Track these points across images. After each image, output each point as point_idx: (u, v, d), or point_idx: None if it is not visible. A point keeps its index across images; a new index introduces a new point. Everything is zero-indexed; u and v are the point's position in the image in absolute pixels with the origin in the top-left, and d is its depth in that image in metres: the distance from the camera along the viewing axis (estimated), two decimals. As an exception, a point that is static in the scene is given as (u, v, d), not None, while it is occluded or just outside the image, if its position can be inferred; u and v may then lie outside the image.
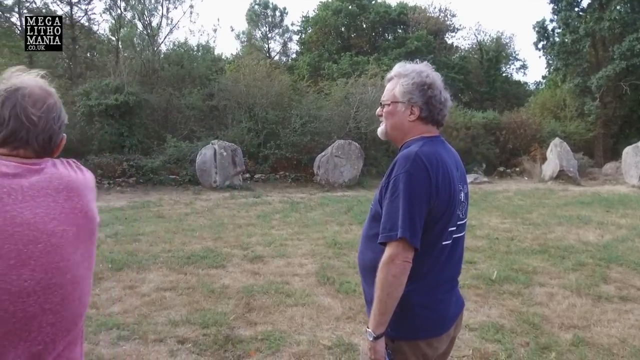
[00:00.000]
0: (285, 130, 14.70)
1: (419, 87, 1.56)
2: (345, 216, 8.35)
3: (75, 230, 1.10)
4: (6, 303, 0.97)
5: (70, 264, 1.08)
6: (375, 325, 1.45)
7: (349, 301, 4.03)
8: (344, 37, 27.02)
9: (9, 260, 0.97)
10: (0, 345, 0.97)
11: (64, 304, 1.07)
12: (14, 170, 1.05)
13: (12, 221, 0.99)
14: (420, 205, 1.42)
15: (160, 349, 3.16)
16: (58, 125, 1.17)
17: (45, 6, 17.62)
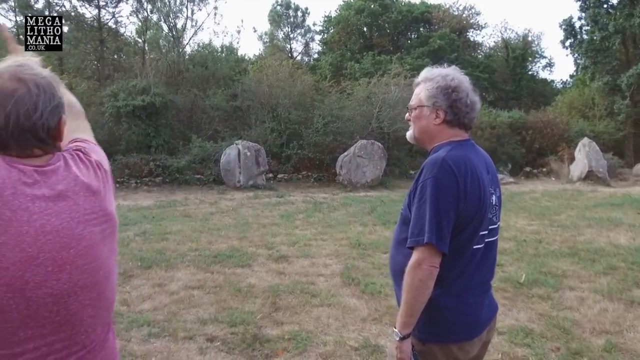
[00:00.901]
0: (307, 131, 14.74)
1: (443, 91, 1.56)
2: (369, 217, 8.33)
3: (99, 229, 1.12)
4: (50, 305, 1.02)
5: (101, 261, 1.12)
6: (402, 326, 1.48)
7: (375, 302, 4.03)
8: (366, 36, 26.93)
9: (47, 268, 1.01)
10: (47, 338, 1.03)
11: (99, 298, 1.12)
12: (31, 177, 1.04)
13: (42, 230, 1.01)
14: (448, 210, 1.43)
15: (190, 346, 3.22)
16: (37, 115, 1.05)
17: (74, 9, 18.14)
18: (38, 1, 17.54)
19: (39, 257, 1.00)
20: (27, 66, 1.08)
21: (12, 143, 1.04)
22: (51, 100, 1.08)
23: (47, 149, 1.10)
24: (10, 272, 0.98)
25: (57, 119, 1.10)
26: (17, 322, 1.00)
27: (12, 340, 1.00)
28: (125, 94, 13.86)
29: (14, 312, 0.99)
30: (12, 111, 1.02)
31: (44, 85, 1.07)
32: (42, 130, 1.06)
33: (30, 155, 1.07)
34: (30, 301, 1.00)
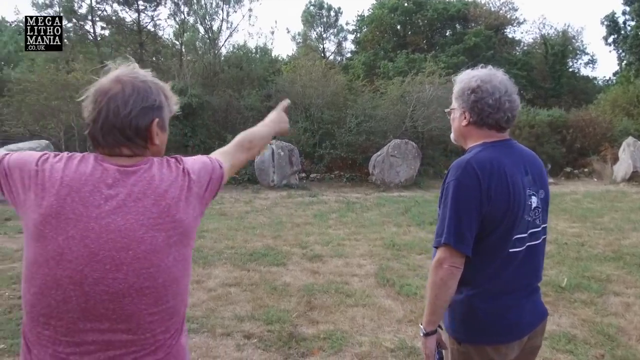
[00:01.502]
0: (340, 130, 14.74)
1: (464, 92, 1.58)
2: (403, 217, 8.26)
3: (164, 236, 1.10)
4: (106, 302, 1.06)
5: (162, 269, 1.10)
6: (426, 323, 1.52)
7: (410, 304, 4.01)
8: (399, 35, 26.66)
9: (105, 265, 1.05)
10: (105, 335, 1.07)
11: (158, 304, 1.11)
12: (113, 176, 1.09)
13: (107, 228, 1.05)
14: (469, 212, 1.44)
15: (227, 342, 3.29)
16: (126, 113, 1.10)
17: (115, 13, 18.78)
18: (82, 6, 18.28)
19: (99, 254, 1.05)
20: (132, 70, 1.15)
21: (101, 139, 1.11)
22: (143, 101, 1.12)
23: (136, 150, 1.14)
24: (73, 265, 1.04)
25: (148, 121, 1.13)
26: (77, 314, 1.05)
27: (73, 329, 1.06)
28: (163, 96, 14.21)
29: (74, 304, 1.05)
30: (103, 107, 1.09)
31: (139, 87, 1.12)
32: (130, 128, 1.11)
33: (118, 154, 1.12)
34: (88, 296, 1.05)
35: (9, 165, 1.12)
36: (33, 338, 1.10)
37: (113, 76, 1.13)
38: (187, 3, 18.83)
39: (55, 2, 18.00)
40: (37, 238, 1.05)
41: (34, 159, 1.11)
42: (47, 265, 1.05)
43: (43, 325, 1.07)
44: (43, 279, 1.05)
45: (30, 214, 1.06)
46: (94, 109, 1.11)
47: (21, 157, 1.13)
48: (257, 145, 1.47)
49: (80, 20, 18.47)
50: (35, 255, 1.06)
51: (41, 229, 1.04)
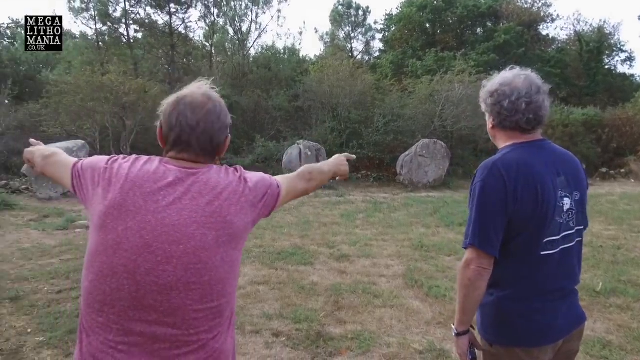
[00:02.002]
0: (367, 130, 14.70)
1: (485, 96, 1.61)
2: (432, 218, 8.18)
3: (214, 235, 1.15)
4: (155, 293, 1.12)
5: (209, 266, 1.14)
6: (457, 323, 1.55)
7: (439, 306, 3.97)
8: (428, 33, 26.32)
9: (157, 257, 1.11)
10: (153, 327, 1.13)
11: (203, 302, 1.15)
12: (174, 175, 1.18)
13: (162, 222, 1.12)
14: (494, 213, 1.45)
15: (256, 340, 3.35)
16: (218, 127, 1.25)
17: (148, 16, 19.25)
18: (116, 10, 18.82)
19: (152, 245, 1.11)
20: (205, 86, 1.30)
21: (195, 144, 1.23)
22: (226, 119, 1.29)
23: (204, 159, 1.26)
24: (128, 254, 1.11)
25: (225, 136, 1.29)
26: (128, 302, 1.12)
27: (124, 317, 1.12)
28: (194, 96, 14.48)
29: (126, 292, 1.12)
30: (202, 118, 1.23)
31: (223, 106, 1.30)
32: (213, 140, 1.25)
33: (186, 159, 1.23)
34: (139, 285, 1.11)
35: (82, 167, 1.27)
36: (88, 325, 1.17)
37: (201, 91, 1.27)
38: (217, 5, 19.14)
39: (91, 6, 18.60)
40: (99, 228, 1.14)
41: (105, 159, 1.24)
42: (105, 254, 1.12)
43: (97, 312, 1.14)
44: (100, 266, 1.13)
45: (97, 207, 1.16)
46: (192, 118, 1.22)
47: (93, 159, 1.28)
48: (316, 179, 1.55)
49: (115, 24, 19.02)
50: (96, 244, 1.14)
51: (104, 220, 1.13)
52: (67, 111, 13.42)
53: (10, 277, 4.73)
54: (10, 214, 8.27)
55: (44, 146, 1.51)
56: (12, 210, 8.60)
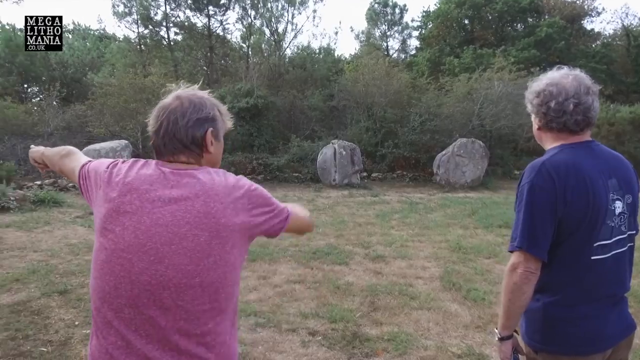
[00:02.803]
0: (403, 129, 14.55)
1: (531, 96, 1.57)
2: (469, 219, 8.01)
3: (207, 236, 1.14)
4: (148, 293, 1.14)
5: (200, 268, 1.13)
6: (501, 327, 1.51)
7: (478, 309, 3.89)
8: (467, 30, 25.77)
9: (150, 257, 1.13)
10: (148, 323, 1.14)
11: (194, 304, 1.14)
12: (168, 177, 1.19)
13: (156, 222, 1.14)
14: (543, 216, 1.40)
15: (293, 338, 3.38)
16: (184, 123, 1.21)
17: (187, 19, 19.72)
18: (157, 13, 19.39)
19: (146, 245, 1.14)
20: (190, 89, 1.28)
21: (163, 147, 1.23)
22: (198, 113, 1.23)
23: (191, 158, 1.25)
24: (124, 254, 1.14)
25: (203, 131, 1.24)
26: (124, 300, 1.14)
27: (122, 315, 1.15)
28: (232, 97, 14.80)
29: (123, 290, 1.14)
30: (164, 120, 1.22)
31: (195, 102, 1.24)
32: (187, 137, 1.22)
33: (176, 161, 1.24)
34: (133, 284, 1.14)
35: (88, 169, 1.32)
36: (94, 321, 1.21)
37: (174, 94, 1.27)
38: (254, 7, 19.40)
39: (134, 10, 19.24)
40: (101, 230, 1.19)
41: (107, 163, 1.28)
42: (105, 253, 1.16)
43: (99, 308, 1.18)
44: (101, 265, 1.17)
45: (98, 208, 1.21)
46: (156, 122, 1.24)
47: (98, 162, 1.32)
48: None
49: (156, 27, 19.60)
50: (98, 244, 1.19)
51: (104, 221, 1.18)
52: (111, 112, 13.96)
53: (59, 271, 4.96)
54: (58, 211, 8.68)
55: (51, 148, 1.58)
56: (60, 207, 9.02)
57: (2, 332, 3.43)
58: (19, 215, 8.11)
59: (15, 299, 4.11)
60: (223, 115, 1.32)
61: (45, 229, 7.12)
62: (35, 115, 15.77)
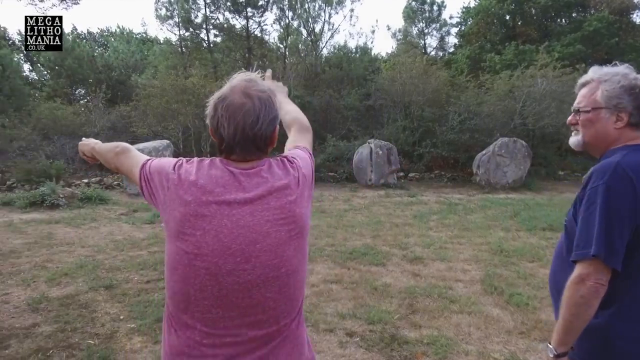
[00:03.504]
0: (441, 128, 14.29)
1: (628, 91, 1.41)
2: (512, 221, 7.77)
3: (286, 229, 1.20)
4: (237, 292, 1.17)
5: (285, 259, 1.20)
6: (558, 343, 1.38)
7: (521, 315, 3.76)
8: (508, 26, 24.99)
9: (236, 258, 1.16)
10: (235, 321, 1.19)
11: (281, 293, 1.22)
12: (238, 178, 1.20)
13: (237, 224, 1.16)
14: (621, 221, 1.27)
15: (330, 338, 3.37)
16: (259, 126, 1.20)
17: (226, 21, 20.08)
18: (197, 16, 19.84)
19: (231, 247, 1.16)
20: (254, 82, 1.24)
21: (238, 149, 1.22)
22: (270, 113, 1.23)
23: (260, 155, 1.26)
24: (209, 258, 1.16)
25: (272, 129, 1.25)
26: (211, 301, 1.18)
27: (208, 317, 1.19)
28: (269, 97, 14.92)
29: (209, 292, 1.17)
30: (239, 122, 1.19)
31: (264, 100, 1.22)
32: (261, 139, 1.23)
33: (245, 160, 1.24)
34: (221, 285, 1.17)
35: (150, 171, 1.28)
36: (175, 321, 1.24)
37: (239, 90, 1.21)
38: (292, 8, 19.54)
39: (175, 13, 19.76)
40: (177, 234, 1.18)
41: (171, 164, 1.25)
42: (187, 258, 1.17)
43: (183, 310, 1.21)
44: (183, 270, 1.18)
45: (171, 212, 1.20)
46: (229, 125, 1.19)
47: (159, 163, 1.29)
48: None
49: (196, 29, 20.06)
50: (177, 249, 1.19)
51: (181, 226, 1.17)
52: (153, 113, 14.40)
53: (105, 266, 5.15)
54: (104, 208, 9.03)
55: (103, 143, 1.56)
56: (105, 205, 9.39)
57: (53, 324, 3.59)
58: (68, 212, 8.49)
59: (64, 293, 4.30)
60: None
61: (92, 226, 7.42)
62: (83, 116, 16.47)
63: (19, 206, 8.83)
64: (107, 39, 29.98)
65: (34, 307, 3.92)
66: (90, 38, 30.05)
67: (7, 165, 13.06)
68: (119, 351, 3.16)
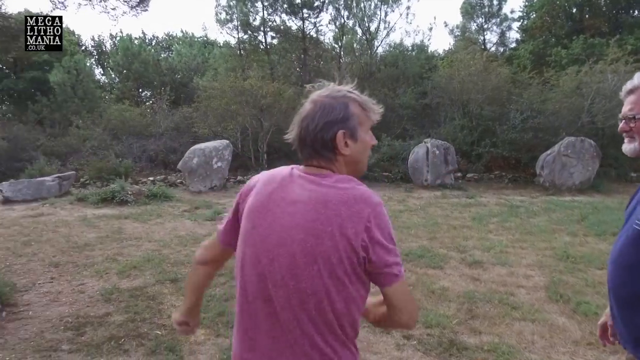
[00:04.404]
0: (502, 127, 13.76)
1: None
2: (579, 225, 7.36)
3: (313, 242, 1.12)
4: (267, 290, 1.18)
5: (306, 274, 1.12)
6: None
7: (589, 324, 3.57)
8: (575, 18, 23.60)
9: (269, 255, 1.18)
10: (270, 324, 1.19)
11: (302, 309, 1.14)
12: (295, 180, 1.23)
13: (277, 222, 1.18)
14: None
15: (387, 340, 3.36)
16: (313, 127, 1.20)
17: (283, 23, 20.42)
18: (256, 19, 20.33)
19: (265, 242, 1.20)
20: (327, 89, 1.27)
21: (300, 154, 1.28)
22: (327, 116, 1.21)
23: (323, 162, 1.24)
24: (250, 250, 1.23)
25: (332, 133, 1.21)
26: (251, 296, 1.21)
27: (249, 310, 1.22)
28: (324, 97, 15.05)
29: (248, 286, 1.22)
30: (299, 125, 1.25)
31: (325, 104, 1.22)
32: (317, 141, 1.22)
33: (310, 165, 1.26)
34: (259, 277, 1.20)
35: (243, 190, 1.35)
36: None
37: (310, 99, 1.26)
38: (347, 7, 19.56)
39: (234, 17, 20.36)
40: (236, 223, 1.32)
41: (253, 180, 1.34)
42: (239, 248, 1.28)
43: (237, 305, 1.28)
44: (237, 255, 1.29)
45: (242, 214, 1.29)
46: (294, 129, 1.27)
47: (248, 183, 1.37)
48: None
49: (254, 32, 20.57)
50: (239, 237, 1.30)
51: (242, 219, 1.28)
52: (214, 114, 14.93)
53: (170, 260, 5.43)
54: (169, 205, 9.49)
55: None
56: (169, 202, 9.86)
57: (124, 314, 3.84)
58: (135, 208, 9.00)
59: (133, 284, 4.58)
60: (367, 111, 1.27)
61: (158, 221, 7.83)
62: (149, 117, 17.38)
63: (92, 202, 9.47)
64: (171, 43, 31.41)
65: (107, 298, 4.21)
66: (156, 43, 31.64)
67: (81, 163, 14.03)
68: (184, 342, 3.32)
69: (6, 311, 3.85)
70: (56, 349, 3.21)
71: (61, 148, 15.59)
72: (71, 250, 5.90)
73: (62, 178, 11.22)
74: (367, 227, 1.12)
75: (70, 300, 4.18)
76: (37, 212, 8.59)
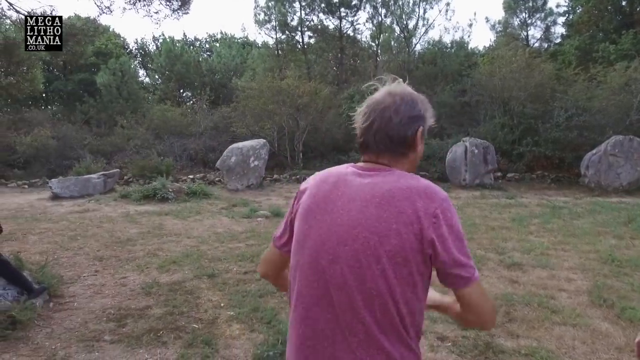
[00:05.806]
0: (545, 125, 13.31)
1: None
2: (625, 228, 7.02)
3: (376, 240, 1.07)
4: (328, 290, 1.13)
5: (370, 272, 1.08)
6: None
7: (635, 331, 3.40)
8: (625, 12, 22.45)
9: (329, 256, 1.13)
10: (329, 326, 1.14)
11: (366, 307, 1.09)
12: (352, 177, 1.17)
13: (335, 222, 1.13)
14: None
15: (421, 341, 3.32)
16: (397, 121, 1.15)
17: (320, 22, 20.50)
18: (293, 19, 20.50)
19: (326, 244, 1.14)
20: (400, 85, 1.23)
21: (373, 145, 1.19)
22: (411, 111, 1.18)
23: (394, 159, 1.19)
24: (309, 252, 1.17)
25: (414, 130, 1.18)
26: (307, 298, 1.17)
27: (309, 311, 1.16)
28: (360, 96, 15.02)
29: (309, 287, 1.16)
30: (377, 117, 1.17)
31: (407, 99, 1.19)
32: (398, 135, 1.17)
33: (370, 161, 1.21)
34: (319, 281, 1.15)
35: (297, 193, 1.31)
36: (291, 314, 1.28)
37: (385, 90, 1.21)
38: (385, 5, 19.42)
39: (273, 17, 20.62)
40: (293, 228, 1.27)
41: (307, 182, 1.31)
42: (294, 250, 1.24)
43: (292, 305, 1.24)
44: (292, 260, 1.25)
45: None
46: (367, 119, 1.19)
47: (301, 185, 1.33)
48: None
49: (292, 32, 20.75)
50: (293, 241, 1.26)
51: (296, 221, 1.24)
52: (251, 113, 15.19)
53: (207, 256, 5.57)
54: (207, 202, 9.73)
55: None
56: (208, 199, 10.11)
57: (162, 307, 3.97)
58: (175, 205, 9.29)
59: (172, 279, 4.73)
60: (428, 113, 1.25)
61: (196, 218, 8.04)
62: (189, 116, 17.86)
63: (134, 199, 9.83)
64: (212, 45, 32.12)
65: (147, 291, 4.37)
66: (198, 45, 32.44)
67: (125, 162, 14.60)
68: (219, 336, 3.40)
69: (53, 302, 4.07)
70: (99, 339, 3.36)
71: (106, 147, 16.27)
72: (114, 245, 6.15)
73: (107, 176, 11.72)
74: (435, 223, 1.07)
75: (112, 292, 4.36)
76: (83, 208, 9.02)
